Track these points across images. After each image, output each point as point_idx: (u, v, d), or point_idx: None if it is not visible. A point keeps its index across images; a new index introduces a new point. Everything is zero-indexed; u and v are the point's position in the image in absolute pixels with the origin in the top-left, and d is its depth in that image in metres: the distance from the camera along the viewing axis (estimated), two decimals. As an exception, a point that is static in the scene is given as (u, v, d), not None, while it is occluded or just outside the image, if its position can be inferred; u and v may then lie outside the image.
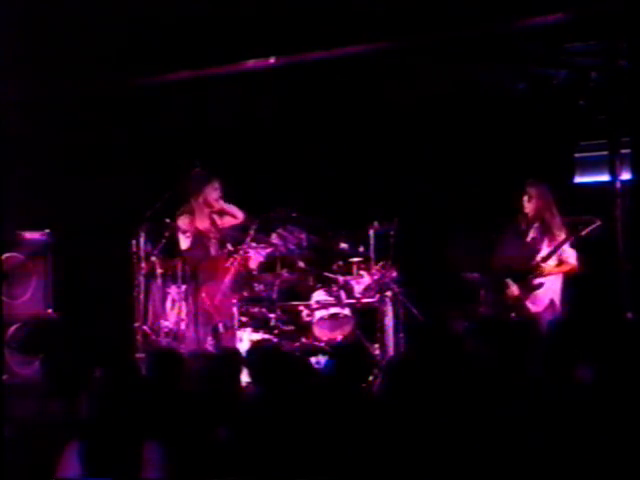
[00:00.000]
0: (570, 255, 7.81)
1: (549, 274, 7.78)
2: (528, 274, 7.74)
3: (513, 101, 8.81)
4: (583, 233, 7.67)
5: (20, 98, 8.43)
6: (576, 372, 4.47)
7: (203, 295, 8.45)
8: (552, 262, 7.78)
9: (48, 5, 8.19)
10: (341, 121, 9.36)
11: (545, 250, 7.78)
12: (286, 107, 9.29)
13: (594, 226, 7.62)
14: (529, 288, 7.75)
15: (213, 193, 8.55)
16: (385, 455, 4.22)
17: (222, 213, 8.66)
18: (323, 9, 7.92)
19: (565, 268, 7.82)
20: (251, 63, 8.71)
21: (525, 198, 7.89)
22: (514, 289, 7.77)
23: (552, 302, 7.78)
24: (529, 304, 7.77)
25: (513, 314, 7.69)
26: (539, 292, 7.77)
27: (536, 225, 7.88)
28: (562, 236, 7.75)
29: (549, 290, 7.79)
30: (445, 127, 9.12)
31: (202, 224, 8.55)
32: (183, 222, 8.54)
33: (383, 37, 8.09)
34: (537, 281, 7.74)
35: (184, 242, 8.59)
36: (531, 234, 7.88)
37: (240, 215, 8.68)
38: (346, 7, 7.86)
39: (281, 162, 9.49)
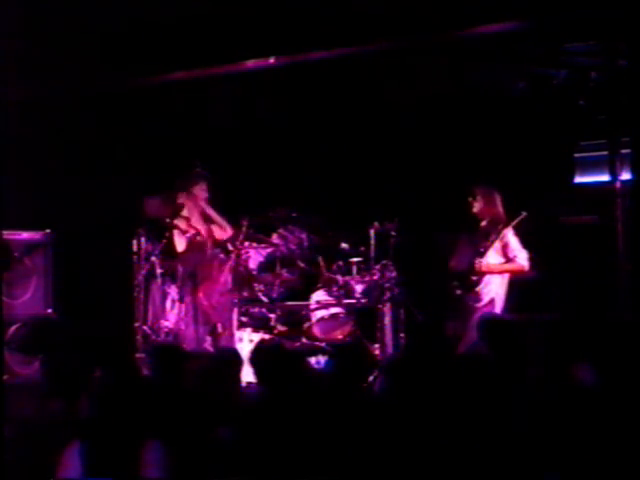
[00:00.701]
0: (520, 256, 7.87)
1: (490, 272, 7.85)
2: (468, 273, 7.83)
3: (513, 101, 8.81)
4: (513, 224, 7.80)
5: (20, 98, 8.42)
6: (576, 373, 4.47)
7: (200, 295, 8.46)
8: (494, 260, 7.86)
9: (48, 5, 8.19)
10: (341, 121, 9.36)
11: (491, 252, 7.85)
12: (286, 107, 9.29)
13: (522, 217, 7.76)
14: (468, 286, 7.83)
15: (201, 193, 8.58)
16: (385, 455, 4.22)
17: (209, 219, 8.65)
18: (323, 9, 7.92)
19: (511, 268, 7.89)
20: (251, 63, 8.71)
21: (472, 200, 7.98)
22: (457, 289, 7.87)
23: (492, 300, 7.84)
24: (469, 300, 7.84)
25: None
26: (481, 289, 7.85)
27: (483, 226, 7.98)
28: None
29: (490, 289, 7.86)
30: (445, 127, 9.12)
31: (197, 223, 8.57)
32: (181, 223, 8.55)
33: (383, 37, 8.09)
34: (474, 278, 7.83)
35: (180, 244, 8.58)
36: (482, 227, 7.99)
37: (229, 230, 8.70)
38: (346, 7, 7.86)
39: (281, 162, 9.50)
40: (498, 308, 7.85)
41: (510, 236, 7.89)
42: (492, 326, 5.76)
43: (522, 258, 7.88)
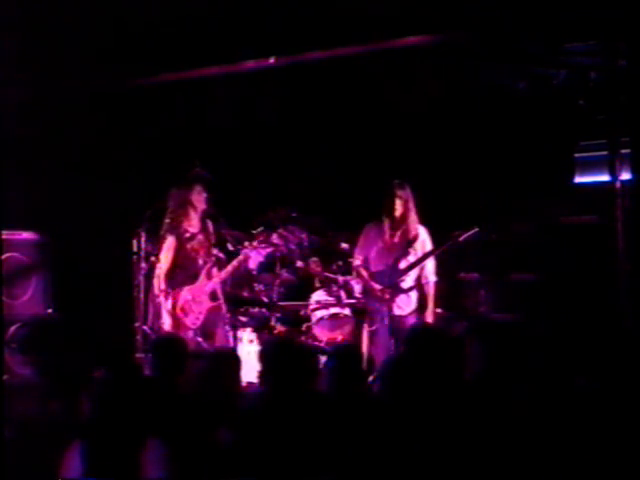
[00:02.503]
0: (431, 279, 7.80)
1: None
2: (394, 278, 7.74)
3: (513, 101, 8.81)
4: (461, 239, 7.68)
5: (20, 98, 8.42)
6: (575, 377, 4.48)
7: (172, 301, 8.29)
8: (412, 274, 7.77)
9: (48, 5, 8.19)
10: (341, 121, 9.36)
11: (412, 257, 7.78)
12: (286, 107, 9.29)
13: (472, 232, 7.64)
14: (394, 292, 7.74)
15: (197, 197, 8.40)
16: (384, 455, 4.22)
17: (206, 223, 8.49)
18: (323, 9, 7.92)
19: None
20: (251, 63, 8.72)
21: (397, 200, 7.80)
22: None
23: (417, 309, 7.79)
24: (395, 307, 7.76)
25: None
26: (407, 297, 7.79)
27: (403, 228, 7.83)
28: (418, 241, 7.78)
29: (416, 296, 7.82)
30: (445, 127, 9.12)
31: (193, 228, 8.37)
32: (169, 242, 8.32)
33: (383, 37, 8.09)
34: (404, 285, 7.76)
35: (167, 257, 8.38)
36: (395, 238, 7.82)
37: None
38: (346, 7, 7.87)
39: (281, 162, 9.50)
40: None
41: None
42: (491, 327, 5.75)
43: (431, 274, 7.81)
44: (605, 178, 7.78)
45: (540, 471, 4.09)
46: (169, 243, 8.31)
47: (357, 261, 7.99)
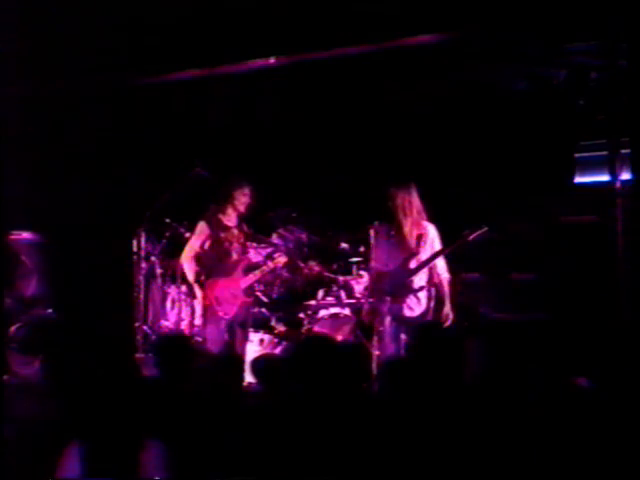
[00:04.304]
0: (442, 269, 7.70)
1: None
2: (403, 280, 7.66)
3: (513, 101, 8.81)
4: (470, 238, 7.59)
5: (20, 98, 8.43)
6: (575, 377, 4.48)
7: (206, 290, 8.26)
8: (423, 275, 7.67)
9: (48, 5, 8.20)
10: (341, 121, 9.36)
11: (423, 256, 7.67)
12: (286, 107, 9.29)
13: (481, 232, 7.53)
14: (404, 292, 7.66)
15: (242, 198, 8.33)
16: (385, 455, 4.22)
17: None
18: (323, 9, 7.92)
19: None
20: (251, 63, 8.72)
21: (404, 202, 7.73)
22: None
23: (428, 311, 7.69)
24: (405, 308, 7.69)
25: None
26: (416, 298, 7.69)
27: (409, 227, 7.73)
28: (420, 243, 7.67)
29: (427, 298, 7.73)
30: (445, 127, 9.12)
31: (229, 221, 8.31)
32: (201, 228, 8.28)
33: (383, 37, 8.09)
34: (416, 285, 7.69)
35: (196, 242, 8.38)
36: (404, 237, 7.72)
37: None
38: (346, 7, 7.87)
39: (281, 162, 9.50)
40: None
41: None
42: (491, 327, 5.76)
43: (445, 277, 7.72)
44: (605, 178, 7.77)
45: (540, 471, 4.09)
46: (200, 228, 8.27)
47: (373, 262, 7.91)
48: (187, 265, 8.29)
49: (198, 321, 8.45)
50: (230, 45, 8.41)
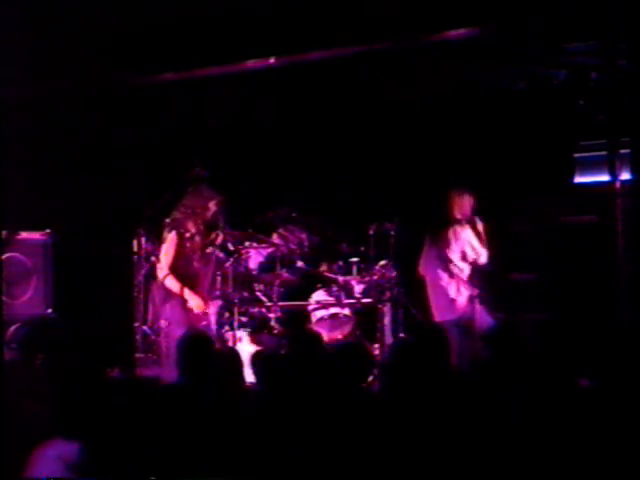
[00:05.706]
0: (481, 258, 7.97)
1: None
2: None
3: (513, 101, 8.81)
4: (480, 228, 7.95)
5: (20, 98, 8.42)
6: (576, 377, 4.47)
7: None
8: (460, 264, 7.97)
9: (48, 4, 8.20)
10: (341, 121, 9.36)
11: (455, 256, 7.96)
12: (286, 107, 9.29)
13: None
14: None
15: (213, 207, 8.27)
16: (385, 454, 4.22)
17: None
18: (323, 9, 7.92)
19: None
20: (251, 63, 8.72)
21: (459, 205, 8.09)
22: None
23: (464, 314, 7.88)
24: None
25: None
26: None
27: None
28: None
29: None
30: (445, 127, 9.12)
31: (192, 228, 8.27)
32: (172, 239, 8.17)
33: (383, 37, 8.09)
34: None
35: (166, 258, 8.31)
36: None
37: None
38: (346, 7, 7.87)
39: (281, 162, 9.49)
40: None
41: (469, 237, 7.93)
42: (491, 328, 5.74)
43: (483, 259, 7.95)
44: (605, 178, 7.78)
45: (540, 471, 4.09)
46: (170, 239, 8.23)
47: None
48: (169, 283, 8.16)
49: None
50: (230, 45, 8.40)
